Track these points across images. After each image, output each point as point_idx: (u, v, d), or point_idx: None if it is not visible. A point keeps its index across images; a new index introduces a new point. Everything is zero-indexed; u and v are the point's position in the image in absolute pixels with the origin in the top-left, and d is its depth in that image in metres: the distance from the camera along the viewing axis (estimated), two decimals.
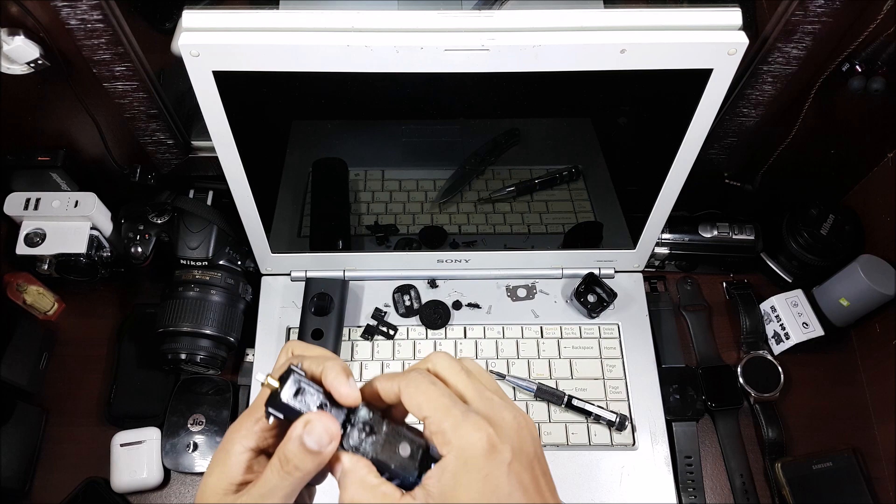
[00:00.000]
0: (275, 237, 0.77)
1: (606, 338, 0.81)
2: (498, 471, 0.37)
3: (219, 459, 0.40)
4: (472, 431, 0.37)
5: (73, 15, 0.59)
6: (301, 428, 0.37)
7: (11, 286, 0.79)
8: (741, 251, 0.85)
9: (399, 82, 0.57)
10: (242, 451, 0.40)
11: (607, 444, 0.75)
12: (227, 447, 0.40)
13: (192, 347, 0.74)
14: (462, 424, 0.37)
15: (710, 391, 0.79)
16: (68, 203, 0.75)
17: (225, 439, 0.41)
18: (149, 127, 0.73)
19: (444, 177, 0.73)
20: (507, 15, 0.54)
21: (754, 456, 0.78)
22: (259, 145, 0.65)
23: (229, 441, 0.40)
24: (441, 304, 0.81)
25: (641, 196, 0.73)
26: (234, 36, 0.54)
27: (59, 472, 0.75)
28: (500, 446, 0.37)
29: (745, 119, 0.73)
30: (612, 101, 0.63)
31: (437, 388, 0.39)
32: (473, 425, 0.37)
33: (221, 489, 0.40)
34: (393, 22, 0.54)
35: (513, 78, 0.57)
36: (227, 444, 0.40)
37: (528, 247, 0.80)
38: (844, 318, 0.82)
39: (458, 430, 0.37)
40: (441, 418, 0.37)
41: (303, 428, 0.37)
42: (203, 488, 0.40)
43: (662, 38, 0.54)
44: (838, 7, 0.59)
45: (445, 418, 0.37)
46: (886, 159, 0.77)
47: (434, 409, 0.38)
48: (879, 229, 0.80)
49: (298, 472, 0.38)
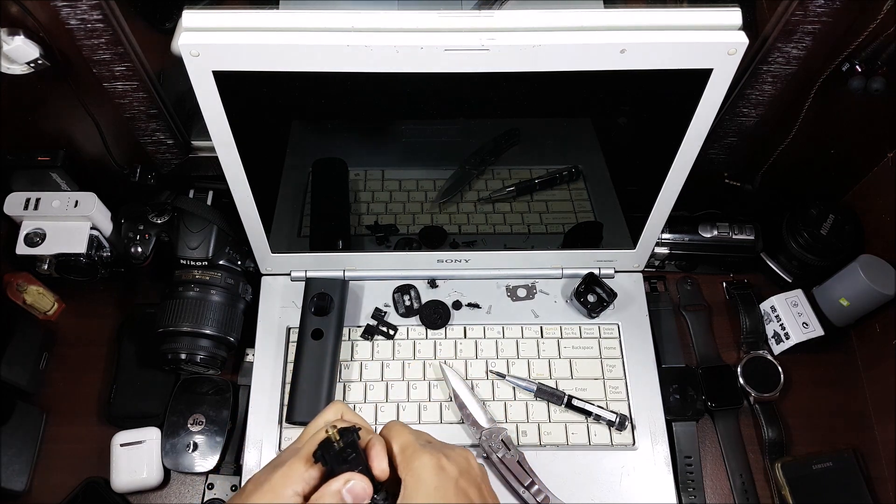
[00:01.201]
0: (275, 237, 0.77)
1: (606, 338, 0.81)
2: (447, 484, 0.48)
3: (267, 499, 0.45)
4: (426, 456, 0.48)
5: (73, 15, 0.59)
6: (342, 483, 0.45)
7: (11, 286, 0.79)
8: (741, 251, 0.85)
9: (399, 82, 0.57)
10: (293, 494, 0.46)
11: (607, 444, 0.75)
12: (278, 490, 0.46)
13: (192, 347, 0.74)
14: (419, 452, 0.49)
15: (710, 391, 0.79)
16: (68, 203, 0.75)
17: (273, 482, 0.46)
18: (149, 127, 0.73)
19: (444, 177, 0.73)
20: (507, 15, 0.54)
21: (754, 456, 0.78)
22: (259, 145, 0.65)
23: (281, 484, 0.46)
24: (441, 304, 0.81)
25: (641, 196, 0.73)
26: (234, 36, 0.54)
27: (59, 472, 0.75)
28: (448, 466, 0.49)
29: (745, 119, 0.73)
30: (612, 101, 0.63)
31: (406, 430, 0.51)
32: (428, 453, 0.49)
33: None
34: (393, 22, 0.54)
35: (513, 78, 0.57)
36: (278, 487, 0.46)
37: (528, 247, 0.80)
38: (844, 318, 0.82)
39: (416, 456, 0.48)
40: (404, 447, 0.49)
41: (343, 484, 0.45)
42: None
43: (662, 38, 0.54)
44: (838, 7, 0.59)
45: (407, 448, 0.49)
46: (886, 159, 0.78)
47: (401, 442, 0.50)
48: (879, 229, 0.80)
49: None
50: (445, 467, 0.48)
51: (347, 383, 0.77)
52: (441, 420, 0.76)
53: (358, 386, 0.77)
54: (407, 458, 0.48)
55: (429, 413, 0.76)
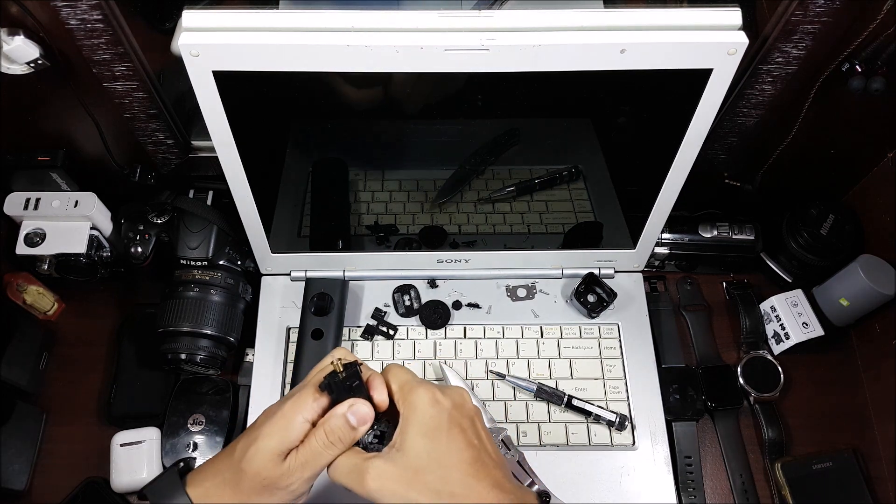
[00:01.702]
0: (275, 237, 0.77)
1: (606, 338, 0.81)
2: (441, 415, 0.51)
3: (279, 426, 0.49)
4: (422, 390, 0.52)
5: (73, 15, 0.59)
6: (346, 407, 0.50)
7: (11, 286, 0.79)
8: (741, 251, 0.85)
9: (399, 82, 0.57)
10: (303, 421, 0.50)
11: (607, 444, 0.75)
12: (290, 415, 0.50)
13: (192, 347, 0.74)
14: (416, 387, 0.52)
15: (710, 391, 0.79)
16: (68, 203, 0.75)
17: (285, 409, 0.50)
18: (149, 127, 0.73)
19: (444, 177, 0.73)
20: (507, 15, 0.54)
21: (754, 456, 0.78)
22: (259, 145, 0.65)
23: (292, 410, 0.50)
24: (441, 304, 0.81)
25: (641, 196, 0.73)
26: (233, 36, 0.54)
27: (59, 472, 0.75)
28: (442, 400, 0.52)
29: (745, 119, 0.73)
30: (612, 101, 0.63)
31: (405, 370, 0.55)
32: (423, 387, 0.52)
33: (277, 453, 0.49)
34: (393, 22, 0.54)
35: (513, 78, 0.57)
36: (290, 413, 0.50)
37: (528, 247, 0.80)
38: (844, 318, 0.82)
39: (413, 390, 0.52)
40: (402, 385, 0.53)
41: (348, 407, 0.50)
42: (255, 451, 0.49)
43: (662, 37, 0.54)
44: (838, 7, 0.59)
45: (405, 385, 0.53)
46: (886, 159, 0.78)
47: (399, 380, 0.53)
48: (879, 229, 0.80)
49: (340, 443, 0.49)
50: (440, 400, 0.52)
51: None
52: None
53: None
54: (405, 394, 0.52)
55: None
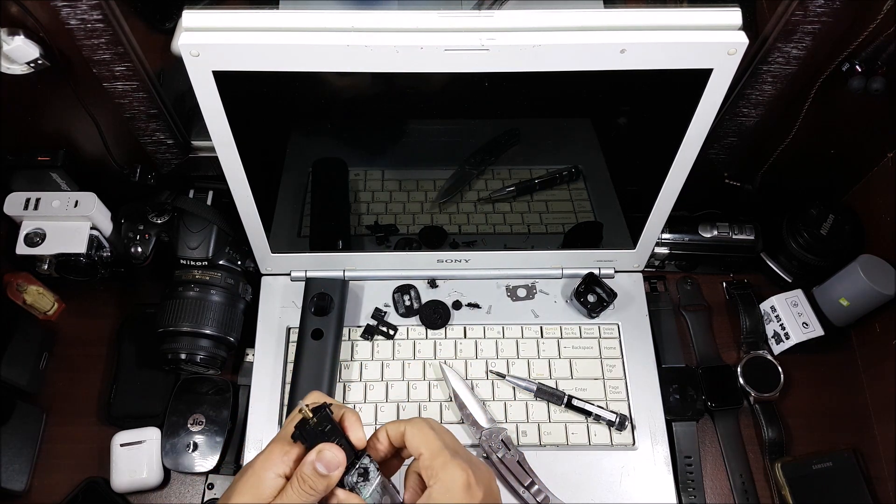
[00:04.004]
0: (275, 237, 0.77)
1: (606, 338, 0.81)
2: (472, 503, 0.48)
3: (250, 484, 0.47)
4: (457, 470, 0.48)
5: (73, 15, 0.59)
6: (314, 454, 0.47)
7: (11, 286, 0.79)
8: (741, 251, 0.85)
9: (399, 82, 0.57)
10: (275, 476, 0.47)
11: (607, 444, 0.75)
12: (260, 473, 0.47)
13: (192, 347, 0.74)
14: (449, 464, 0.48)
15: (710, 391, 0.79)
16: (68, 203, 0.75)
17: (256, 466, 0.48)
18: (149, 127, 0.73)
19: (444, 177, 0.73)
20: (507, 15, 0.54)
21: (754, 456, 0.78)
22: (259, 145, 0.65)
23: (262, 468, 0.47)
24: (441, 304, 0.81)
25: (641, 196, 0.73)
26: (234, 36, 0.54)
27: (59, 472, 0.75)
28: (475, 486, 0.48)
29: (745, 119, 0.73)
30: (612, 101, 0.63)
31: (434, 433, 0.50)
32: (458, 466, 0.48)
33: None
34: (393, 22, 0.54)
35: (513, 78, 0.57)
36: (260, 471, 0.47)
37: (528, 247, 0.80)
38: (844, 318, 0.82)
39: (446, 468, 0.48)
40: (434, 456, 0.49)
41: (316, 455, 0.47)
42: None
43: (662, 37, 0.54)
44: (838, 7, 0.59)
45: (437, 457, 0.49)
46: (886, 159, 0.78)
47: (429, 449, 0.49)
48: (879, 229, 0.80)
49: (313, 492, 0.46)
50: (472, 486, 0.49)
51: (347, 383, 0.77)
52: (441, 420, 0.76)
53: (358, 386, 0.77)
54: (436, 469, 0.49)
55: (429, 413, 0.76)
